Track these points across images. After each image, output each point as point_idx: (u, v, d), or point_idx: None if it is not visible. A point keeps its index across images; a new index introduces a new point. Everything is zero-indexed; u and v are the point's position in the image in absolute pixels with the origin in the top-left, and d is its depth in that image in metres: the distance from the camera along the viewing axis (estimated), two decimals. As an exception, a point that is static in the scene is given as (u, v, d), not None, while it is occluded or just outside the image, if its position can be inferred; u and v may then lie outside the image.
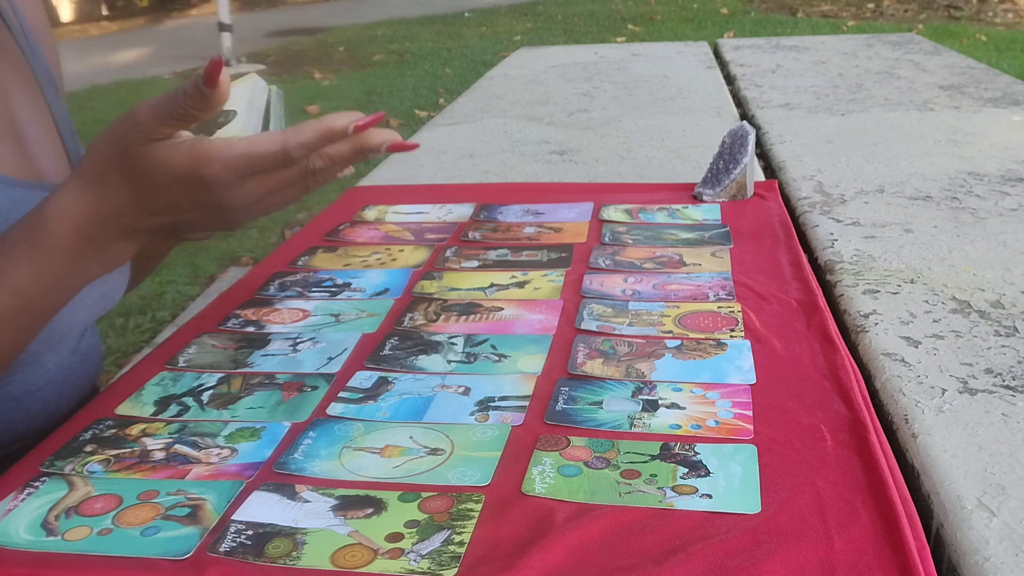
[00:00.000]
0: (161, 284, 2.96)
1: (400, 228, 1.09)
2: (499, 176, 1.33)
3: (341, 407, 0.68)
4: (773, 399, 0.66)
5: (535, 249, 0.99)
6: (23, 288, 0.59)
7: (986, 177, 1.19)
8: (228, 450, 0.63)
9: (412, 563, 0.50)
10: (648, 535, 0.52)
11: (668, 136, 1.51)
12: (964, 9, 7.71)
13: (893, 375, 0.70)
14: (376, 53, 7.35)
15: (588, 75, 2.12)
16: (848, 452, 0.59)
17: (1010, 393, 0.67)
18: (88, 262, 0.61)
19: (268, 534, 0.53)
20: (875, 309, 0.81)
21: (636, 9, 8.77)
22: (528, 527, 0.53)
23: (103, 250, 0.61)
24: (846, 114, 1.59)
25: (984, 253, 0.93)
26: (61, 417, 0.74)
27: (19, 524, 0.55)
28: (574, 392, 0.68)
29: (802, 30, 7.01)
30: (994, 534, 0.52)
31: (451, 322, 0.82)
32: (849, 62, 2.13)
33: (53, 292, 0.61)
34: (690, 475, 0.57)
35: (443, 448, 0.62)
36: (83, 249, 0.60)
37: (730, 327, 0.77)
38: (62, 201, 0.59)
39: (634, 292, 0.86)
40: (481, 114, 1.76)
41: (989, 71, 1.92)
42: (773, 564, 0.49)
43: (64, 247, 0.59)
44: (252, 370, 0.74)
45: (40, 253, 0.59)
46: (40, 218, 0.59)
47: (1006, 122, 1.49)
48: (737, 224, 1.03)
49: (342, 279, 0.93)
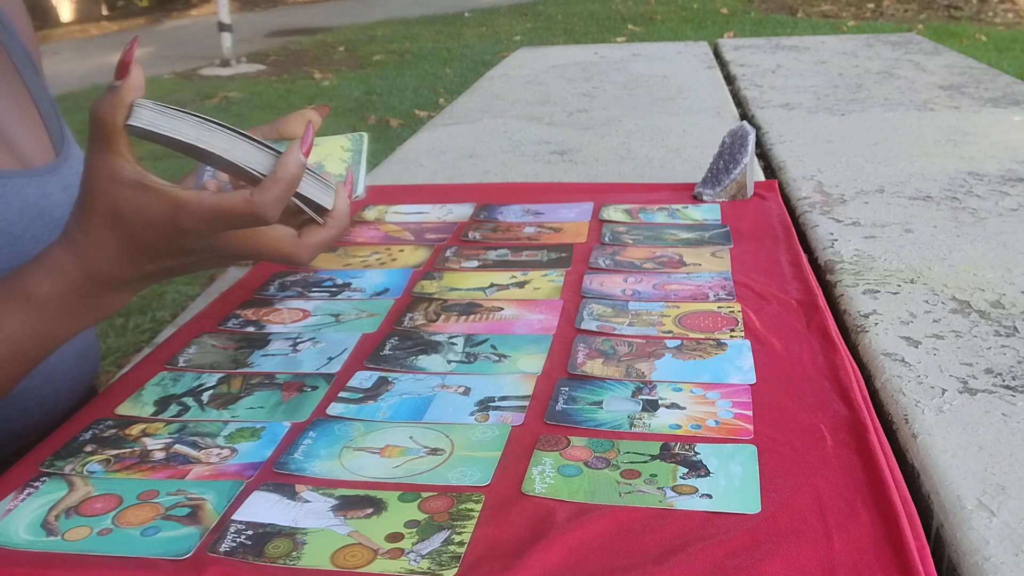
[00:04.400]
0: (161, 284, 2.96)
1: (400, 228, 1.09)
2: (499, 176, 1.33)
3: (341, 407, 0.68)
4: (773, 399, 0.66)
5: (535, 249, 0.99)
6: (15, 338, 0.59)
7: (986, 177, 1.19)
8: (228, 450, 0.63)
9: (412, 563, 0.50)
10: (648, 535, 0.52)
11: (668, 136, 1.51)
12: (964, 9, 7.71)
13: (893, 375, 0.70)
14: (376, 53, 7.34)
15: (588, 75, 2.12)
16: (848, 452, 0.59)
17: (1010, 393, 0.67)
18: (81, 314, 0.61)
19: (268, 534, 0.53)
20: (875, 309, 0.81)
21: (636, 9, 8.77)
22: (528, 527, 0.53)
23: (96, 302, 0.61)
24: (846, 114, 1.59)
25: (984, 253, 0.93)
26: (58, 416, 0.74)
27: (19, 524, 0.55)
28: (574, 392, 0.68)
29: (802, 30, 7.00)
30: (994, 534, 0.52)
31: (451, 322, 0.82)
32: (849, 62, 2.13)
33: (45, 341, 0.61)
34: (690, 475, 0.57)
35: (443, 448, 0.62)
36: (76, 303, 0.60)
37: (730, 327, 0.77)
38: (54, 260, 0.59)
39: (634, 292, 0.86)
40: (481, 114, 1.76)
41: (989, 71, 1.92)
42: (773, 564, 0.49)
43: (57, 302, 0.59)
44: (252, 370, 0.74)
45: (33, 306, 0.59)
46: (33, 274, 0.59)
47: (1006, 122, 1.49)
48: (737, 224, 1.03)
49: (342, 279, 0.93)
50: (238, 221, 0.57)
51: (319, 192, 0.63)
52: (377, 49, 7.53)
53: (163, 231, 0.57)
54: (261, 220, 0.57)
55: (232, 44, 7.01)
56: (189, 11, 11.96)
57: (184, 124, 0.56)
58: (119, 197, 0.56)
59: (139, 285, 0.62)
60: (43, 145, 0.76)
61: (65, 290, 0.59)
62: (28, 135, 0.75)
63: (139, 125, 0.56)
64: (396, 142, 2.58)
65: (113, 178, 0.56)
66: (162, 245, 0.58)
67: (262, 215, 0.56)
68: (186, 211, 0.56)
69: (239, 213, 0.56)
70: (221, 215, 0.56)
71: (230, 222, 0.57)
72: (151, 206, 0.56)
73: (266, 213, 0.56)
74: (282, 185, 0.56)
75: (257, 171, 0.58)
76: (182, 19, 11.32)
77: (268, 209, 0.56)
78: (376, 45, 7.76)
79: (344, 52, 7.54)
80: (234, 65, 6.96)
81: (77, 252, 0.59)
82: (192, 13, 11.76)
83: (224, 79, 6.59)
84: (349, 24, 9.24)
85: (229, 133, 0.57)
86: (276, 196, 0.56)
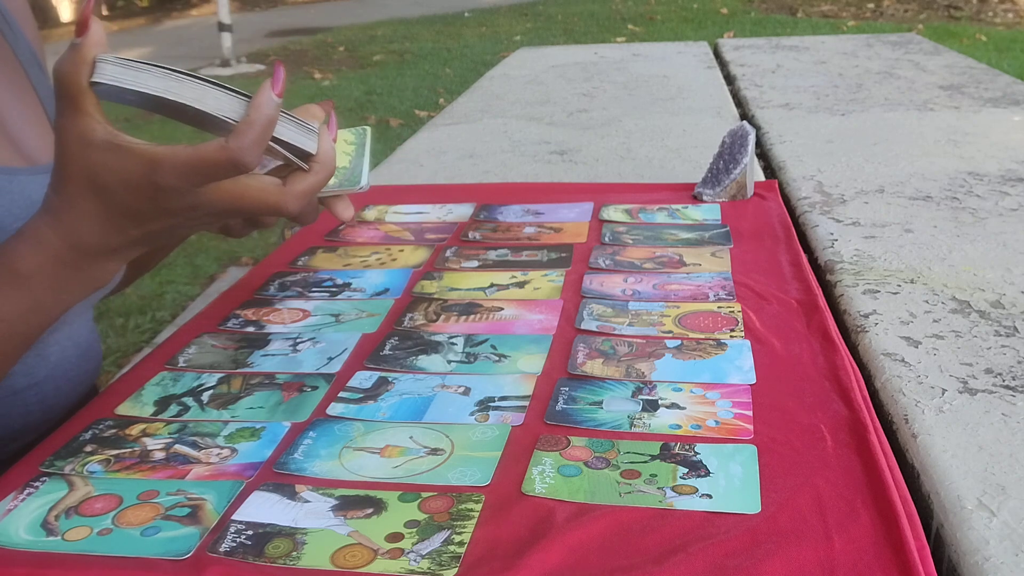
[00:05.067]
0: (161, 284, 2.96)
1: (400, 228, 1.09)
2: (499, 176, 1.33)
3: (341, 407, 0.68)
4: (773, 399, 0.66)
5: (535, 249, 0.99)
6: (5, 314, 0.58)
7: (986, 177, 1.19)
8: (228, 450, 0.63)
9: (412, 563, 0.50)
10: (648, 535, 0.52)
11: (668, 136, 1.51)
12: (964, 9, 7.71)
13: (893, 375, 0.70)
14: (376, 53, 7.35)
15: (588, 75, 2.12)
16: (848, 452, 0.59)
17: (1010, 393, 0.67)
18: (70, 286, 0.60)
19: (268, 534, 0.53)
20: (875, 309, 0.81)
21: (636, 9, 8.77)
22: (528, 527, 0.53)
23: (84, 273, 0.59)
24: (846, 114, 1.59)
25: (984, 253, 0.93)
26: (59, 415, 0.74)
27: (19, 524, 0.55)
28: (574, 392, 0.68)
29: (802, 30, 7.01)
30: (994, 534, 0.52)
31: (451, 322, 0.82)
32: (849, 62, 2.13)
33: (36, 317, 0.60)
34: (690, 475, 0.57)
35: (443, 448, 0.62)
36: (63, 275, 0.59)
37: (730, 327, 0.77)
38: (35, 233, 0.58)
39: (634, 292, 0.86)
40: (481, 114, 1.76)
41: (989, 71, 1.92)
42: (773, 564, 0.49)
43: (43, 274, 0.58)
44: (252, 370, 0.74)
45: (20, 280, 0.58)
46: (16, 248, 0.58)
47: (1006, 122, 1.49)
48: (737, 224, 1.03)
49: (342, 279, 0.93)
50: (217, 171, 0.54)
51: (300, 136, 0.59)
52: (377, 49, 7.53)
53: (142, 191, 0.55)
54: (240, 167, 0.54)
55: (232, 44, 7.01)
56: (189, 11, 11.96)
57: (151, 76, 0.53)
58: (93, 160, 0.54)
59: (128, 252, 0.60)
60: (48, 143, 0.77)
61: (49, 262, 0.57)
62: (33, 133, 0.75)
63: (104, 81, 0.53)
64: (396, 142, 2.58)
65: (84, 140, 0.54)
66: (144, 207, 0.56)
67: (240, 160, 0.54)
68: (163, 167, 0.53)
69: (216, 162, 0.54)
70: (199, 166, 0.54)
71: (209, 173, 0.54)
72: (126, 166, 0.54)
73: (244, 158, 0.54)
74: (257, 128, 0.54)
75: (231, 119, 0.55)
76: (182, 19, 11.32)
77: (245, 154, 0.53)
78: (376, 45, 7.76)
79: (344, 52, 7.54)
80: (234, 65, 6.97)
81: (58, 222, 0.57)
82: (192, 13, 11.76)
83: (224, 79, 6.57)
84: (349, 24, 9.25)
85: (198, 82, 0.54)
86: (252, 140, 0.54)
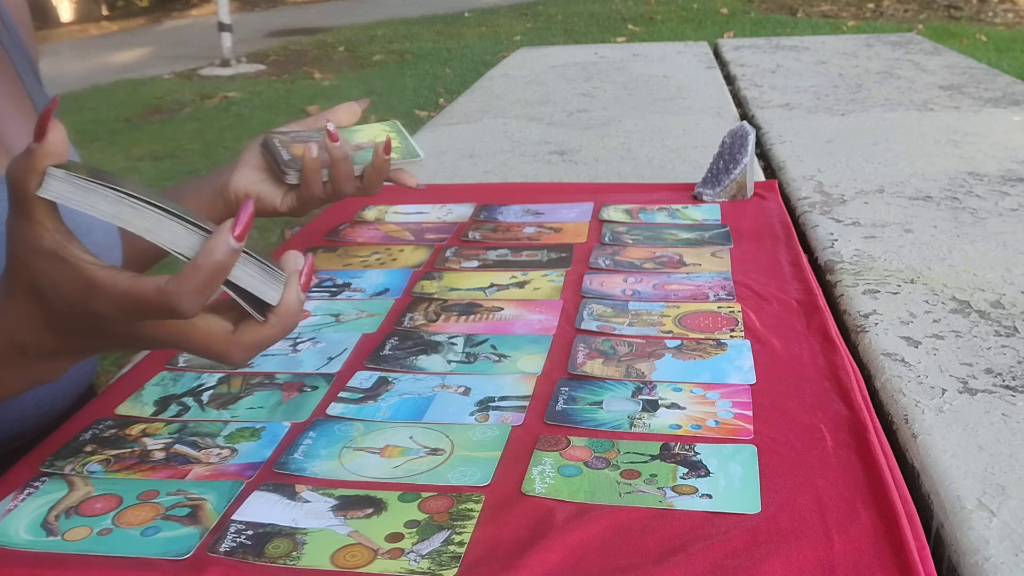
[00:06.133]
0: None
1: (400, 228, 1.09)
2: (499, 176, 1.33)
3: (341, 407, 0.68)
4: (773, 399, 0.66)
5: (535, 249, 0.99)
6: None
7: (986, 177, 1.19)
8: (228, 450, 0.63)
9: (412, 563, 0.50)
10: (648, 535, 0.52)
11: (668, 136, 1.51)
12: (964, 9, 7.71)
13: (893, 375, 0.70)
14: (376, 53, 7.34)
15: (588, 75, 2.12)
16: (848, 452, 0.59)
17: (1010, 393, 0.67)
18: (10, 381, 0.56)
19: (268, 534, 0.53)
20: (875, 309, 0.81)
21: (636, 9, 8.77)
22: (528, 527, 0.53)
23: (22, 371, 0.56)
24: (846, 114, 1.59)
25: (984, 253, 0.93)
26: (55, 417, 0.74)
27: (19, 524, 0.55)
28: (574, 392, 0.68)
29: (802, 30, 7.00)
30: (994, 534, 0.52)
31: (451, 322, 0.82)
32: (849, 62, 2.13)
33: None
34: (690, 475, 0.57)
35: (443, 448, 0.62)
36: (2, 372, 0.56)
37: (730, 327, 0.77)
38: None
39: (634, 292, 0.86)
40: (481, 114, 1.76)
41: (989, 71, 1.92)
42: (773, 564, 0.49)
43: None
44: (252, 370, 0.74)
45: None
46: None
47: (1006, 122, 1.49)
48: (737, 224, 1.03)
49: (342, 279, 0.93)
50: (151, 312, 0.49)
51: (261, 284, 0.53)
52: (377, 49, 7.53)
53: (78, 310, 0.51)
54: (175, 313, 0.49)
55: (232, 44, 7.01)
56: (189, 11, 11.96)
57: (101, 199, 0.49)
58: (35, 268, 0.50)
59: (71, 358, 0.56)
60: None
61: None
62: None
63: (49, 198, 0.49)
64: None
65: (28, 247, 0.50)
66: (80, 325, 0.52)
67: (176, 307, 0.48)
68: (99, 294, 0.49)
69: (151, 303, 0.49)
70: (134, 303, 0.49)
71: (142, 311, 0.49)
72: (65, 282, 0.50)
73: (180, 305, 0.48)
74: (202, 274, 0.48)
75: (184, 255, 0.50)
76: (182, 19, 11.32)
77: (184, 301, 0.48)
78: (376, 45, 7.76)
79: (344, 52, 7.54)
80: (234, 65, 6.96)
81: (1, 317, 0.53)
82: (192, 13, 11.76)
83: (224, 79, 6.59)
84: (349, 24, 9.24)
85: (154, 211, 0.49)
86: (194, 287, 0.48)
